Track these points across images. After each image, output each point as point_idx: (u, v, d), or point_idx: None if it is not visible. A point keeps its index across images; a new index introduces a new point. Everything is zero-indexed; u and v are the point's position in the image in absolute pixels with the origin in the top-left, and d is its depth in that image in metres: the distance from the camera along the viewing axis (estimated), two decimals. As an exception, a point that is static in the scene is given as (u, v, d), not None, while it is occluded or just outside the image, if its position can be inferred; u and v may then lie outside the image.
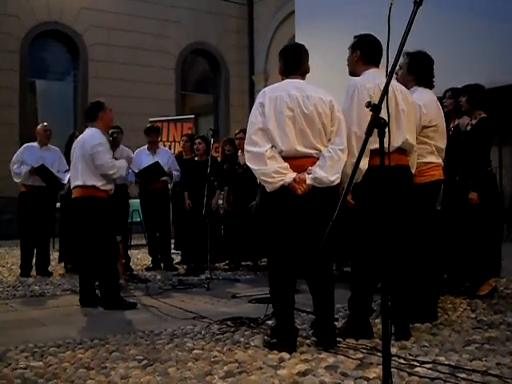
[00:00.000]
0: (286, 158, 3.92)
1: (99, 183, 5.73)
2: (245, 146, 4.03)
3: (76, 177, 5.82)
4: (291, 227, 3.95)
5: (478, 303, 5.38)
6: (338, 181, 3.98)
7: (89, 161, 5.72)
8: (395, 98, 4.14)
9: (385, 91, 2.63)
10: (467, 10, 8.55)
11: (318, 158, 3.98)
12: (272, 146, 3.91)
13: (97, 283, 5.89)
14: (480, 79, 6.02)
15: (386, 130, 2.63)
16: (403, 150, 4.22)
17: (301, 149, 3.94)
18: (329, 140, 4.01)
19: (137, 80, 15.62)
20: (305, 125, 3.93)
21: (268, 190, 3.95)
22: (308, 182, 3.89)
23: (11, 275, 7.93)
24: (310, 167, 3.94)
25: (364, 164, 3.94)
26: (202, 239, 7.57)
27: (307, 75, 4.22)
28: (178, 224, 8.89)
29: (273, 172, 3.86)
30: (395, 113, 4.10)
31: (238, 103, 17.49)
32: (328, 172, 3.91)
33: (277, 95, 3.97)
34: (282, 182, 3.87)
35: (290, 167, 3.91)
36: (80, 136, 6.02)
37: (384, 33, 2.75)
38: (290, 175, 3.88)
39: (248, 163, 4.01)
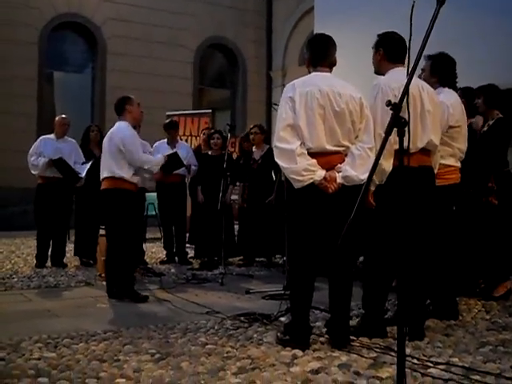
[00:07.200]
0: (313, 155, 3.89)
1: (127, 175, 5.79)
2: (274, 142, 3.99)
3: (104, 169, 5.91)
4: (318, 224, 3.92)
5: (493, 305, 5.35)
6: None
7: (115, 154, 5.78)
8: (421, 98, 4.10)
9: (405, 91, 2.60)
10: (486, 8, 8.45)
11: (345, 155, 3.97)
12: (301, 143, 3.88)
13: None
14: (491, 80, 5.94)
15: (406, 129, 2.61)
16: (427, 151, 4.19)
17: (329, 147, 3.91)
18: (356, 137, 3.99)
19: (154, 73, 15.61)
20: (335, 123, 3.90)
21: (296, 187, 3.92)
22: (338, 180, 3.87)
23: (26, 266, 7.97)
24: (339, 164, 3.92)
25: (389, 165, 3.92)
26: (216, 234, 7.57)
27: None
28: (194, 218, 8.90)
29: (302, 170, 3.83)
30: (420, 113, 4.08)
31: (255, 99, 17.46)
32: (358, 171, 3.88)
33: (307, 90, 3.91)
34: (311, 180, 3.84)
35: (318, 163, 3.88)
36: (110, 130, 6.05)
37: (405, 32, 2.72)
38: (320, 173, 3.85)
39: (277, 160, 3.96)
